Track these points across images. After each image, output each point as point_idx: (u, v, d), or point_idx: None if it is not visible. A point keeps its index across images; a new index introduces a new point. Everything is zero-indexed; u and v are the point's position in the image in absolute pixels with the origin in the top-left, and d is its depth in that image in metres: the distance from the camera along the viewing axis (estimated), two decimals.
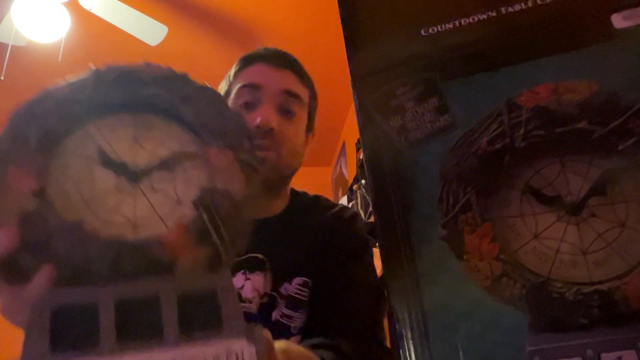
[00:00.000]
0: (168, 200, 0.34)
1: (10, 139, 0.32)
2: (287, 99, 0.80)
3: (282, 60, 0.82)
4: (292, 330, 0.73)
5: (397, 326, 0.34)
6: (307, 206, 0.87)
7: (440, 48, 0.40)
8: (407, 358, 0.33)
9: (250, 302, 0.73)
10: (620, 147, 0.33)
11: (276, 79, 0.80)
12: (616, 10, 0.36)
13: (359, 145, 2.83)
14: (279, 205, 0.84)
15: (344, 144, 3.60)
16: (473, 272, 0.34)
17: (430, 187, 0.36)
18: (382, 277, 0.40)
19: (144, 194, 0.34)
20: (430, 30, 0.40)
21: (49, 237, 0.30)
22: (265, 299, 0.73)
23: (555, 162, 0.35)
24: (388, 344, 0.77)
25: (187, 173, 0.35)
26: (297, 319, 0.74)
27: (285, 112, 0.79)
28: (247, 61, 0.83)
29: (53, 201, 0.32)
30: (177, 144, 0.35)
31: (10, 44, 2.18)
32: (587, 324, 0.31)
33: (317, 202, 0.89)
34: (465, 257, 0.34)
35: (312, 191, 0.92)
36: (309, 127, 0.87)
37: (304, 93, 0.83)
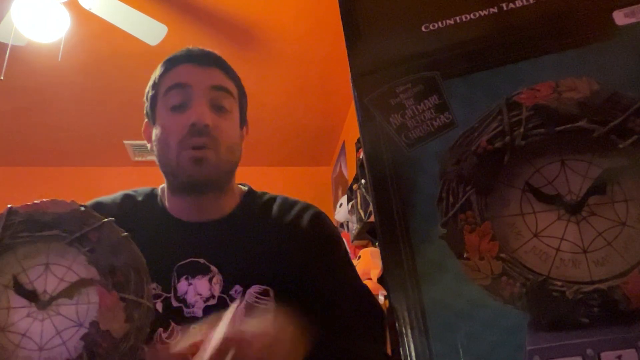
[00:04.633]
0: (71, 325, 0.37)
1: None
2: (218, 94, 0.80)
3: (207, 59, 0.83)
4: None
5: (397, 325, 0.34)
6: (261, 208, 0.84)
7: (440, 45, 0.39)
8: (407, 357, 0.33)
9: (192, 306, 0.72)
10: (620, 146, 0.33)
11: (204, 77, 0.80)
12: (618, 7, 0.36)
13: (358, 145, 2.82)
14: (228, 204, 0.82)
15: (343, 143, 3.60)
16: (473, 271, 0.34)
17: (430, 186, 0.36)
18: (382, 276, 0.40)
19: (50, 319, 0.37)
20: (431, 27, 0.40)
21: None
22: (212, 302, 0.72)
23: (555, 160, 0.35)
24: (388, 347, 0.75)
25: (88, 299, 0.38)
26: None
27: (218, 109, 0.79)
28: (171, 63, 0.83)
29: None
30: (85, 272, 0.39)
31: (10, 44, 2.17)
32: (587, 323, 0.31)
33: (273, 204, 0.85)
34: (465, 256, 0.34)
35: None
36: (242, 121, 0.87)
37: (232, 88, 0.83)
